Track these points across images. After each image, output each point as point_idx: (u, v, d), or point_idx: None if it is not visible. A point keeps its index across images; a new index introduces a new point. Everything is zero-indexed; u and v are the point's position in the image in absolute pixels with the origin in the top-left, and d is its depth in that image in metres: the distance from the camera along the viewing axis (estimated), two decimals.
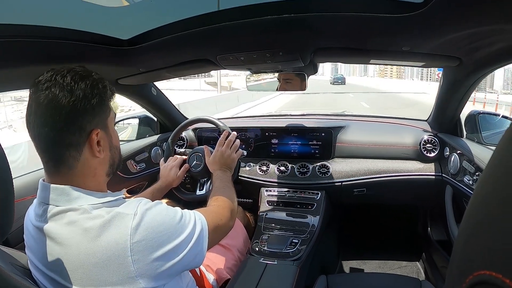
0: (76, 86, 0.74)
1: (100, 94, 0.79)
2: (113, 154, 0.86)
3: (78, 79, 0.75)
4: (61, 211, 0.75)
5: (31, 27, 0.88)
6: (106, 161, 0.84)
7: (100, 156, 0.80)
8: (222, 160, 1.37)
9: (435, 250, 2.04)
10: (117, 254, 0.71)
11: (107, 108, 0.82)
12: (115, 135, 0.88)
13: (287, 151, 2.06)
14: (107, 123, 0.83)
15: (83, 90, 0.75)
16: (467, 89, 1.50)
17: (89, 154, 0.78)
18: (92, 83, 0.77)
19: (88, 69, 0.81)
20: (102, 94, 0.79)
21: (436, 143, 1.84)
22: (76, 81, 0.75)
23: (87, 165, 0.79)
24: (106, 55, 1.17)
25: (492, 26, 0.89)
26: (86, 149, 0.78)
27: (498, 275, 0.21)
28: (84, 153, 0.78)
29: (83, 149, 0.77)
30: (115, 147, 0.88)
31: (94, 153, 0.78)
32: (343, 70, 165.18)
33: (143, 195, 1.32)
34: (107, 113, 0.82)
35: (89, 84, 0.76)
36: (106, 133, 0.82)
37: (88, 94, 0.76)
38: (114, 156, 0.87)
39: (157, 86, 2.02)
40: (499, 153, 0.26)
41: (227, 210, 1.08)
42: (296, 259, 1.50)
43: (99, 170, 0.82)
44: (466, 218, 0.29)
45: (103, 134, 0.81)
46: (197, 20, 0.99)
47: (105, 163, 0.84)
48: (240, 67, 1.44)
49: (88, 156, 0.78)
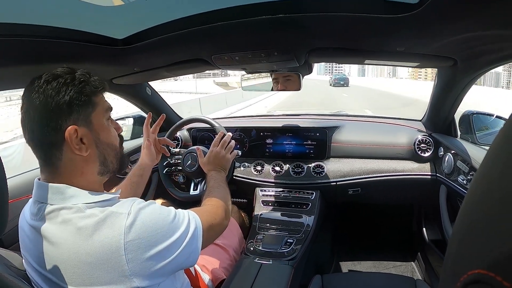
0: (48, 86, 0.75)
1: (76, 90, 0.77)
2: (103, 151, 0.83)
3: (51, 79, 0.75)
4: (55, 209, 0.74)
5: (23, 26, 0.87)
6: (93, 159, 0.81)
7: (82, 153, 0.78)
8: (217, 161, 1.37)
9: (429, 249, 2.05)
10: (111, 253, 0.71)
11: (89, 104, 0.79)
12: (106, 131, 0.84)
13: (282, 151, 2.06)
14: (91, 119, 0.80)
15: (54, 88, 0.75)
16: (461, 89, 1.51)
17: (70, 152, 0.77)
18: (65, 81, 0.76)
19: (71, 68, 0.80)
20: (80, 90, 0.77)
21: (431, 143, 1.85)
22: (49, 81, 0.75)
23: (71, 164, 0.78)
24: (101, 55, 1.17)
25: (486, 31, 0.90)
26: (66, 148, 0.76)
27: (492, 273, 0.21)
28: (66, 152, 0.77)
29: (63, 148, 0.76)
30: (106, 143, 0.84)
31: (74, 151, 0.77)
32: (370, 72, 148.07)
33: (121, 186, 1.29)
34: (90, 109, 0.79)
35: (62, 82, 0.75)
36: (90, 129, 0.79)
37: (61, 91, 0.75)
38: (105, 153, 0.84)
39: (151, 85, 2.02)
40: (493, 152, 0.27)
41: (221, 210, 1.08)
42: (291, 259, 1.50)
43: (87, 169, 0.80)
44: (460, 217, 0.29)
45: (86, 131, 0.78)
46: (192, 19, 0.99)
47: (92, 161, 0.81)
48: (235, 67, 1.44)
49: (70, 154, 0.77)
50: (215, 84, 30.68)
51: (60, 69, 0.78)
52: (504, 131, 0.26)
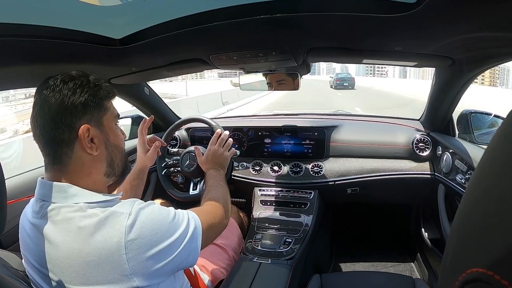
0: (65, 86, 0.78)
1: (91, 93, 0.80)
2: (111, 152, 0.87)
3: (68, 80, 0.79)
4: (56, 207, 0.75)
5: (20, 25, 0.87)
6: (102, 159, 0.85)
7: (92, 152, 0.80)
8: (215, 159, 1.37)
9: (428, 249, 2.06)
10: (111, 252, 0.72)
11: (101, 107, 0.83)
12: (115, 134, 0.88)
13: (280, 150, 2.06)
14: (102, 121, 0.84)
15: (71, 88, 0.78)
16: (459, 88, 1.51)
17: (81, 151, 0.79)
18: (82, 83, 0.80)
19: (85, 72, 0.84)
20: (94, 93, 0.81)
21: (429, 142, 1.85)
22: (66, 82, 0.78)
23: (80, 163, 0.80)
24: (99, 55, 1.16)
25: (484, 32, 0.90)
26: (77, 146, 0.79)
27: (490, 272, 0.21)
28: (76, 150, 0.79)
29: (74, 146, 0.79)
30: (114, 145, 0.88)
31: (85, 149, 0.79)
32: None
33: (121, 189, 1.30)
34: (102, 112, 0.83)
35: (78, 83, 0.79)
36: (100, 130, 0.83)
37: (77, 92, 0.78)
38: (113, 154, 0.87)
39: (149, 85, 2.01)
40: (491, 151, 0.27)
41: (220, 209, 1.08)
42: (289, 258, 1.50)
43: (94, 168, 0.83)
44: (458, 216, 0.29)
45: (97, 131, 0.82)
46: (189, 19, 0.99)
47: (100, 161, 0.84)
48: (233, 67, 1.44)
49: (80, 153, 0.80)
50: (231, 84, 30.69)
51: (75, 72, 0.82)
52: (502, 130, 0.26)
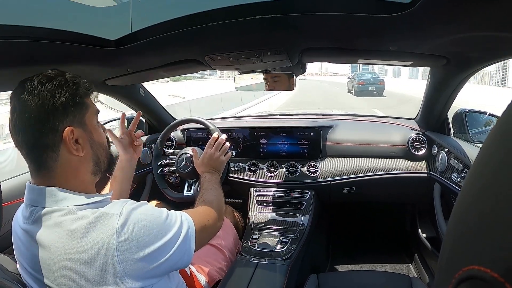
0: (43, 87, 0.75)
1: (71, 92, 0.79)
2: (96, 150, 0.86)
3: (45, 81, 0.77)
4: (47, 212, 0.75)
5: (14, 27, 0.86)
6: (88, 159, 0.84)
7: (79, 154, 0.79)
8: (211, 162, 1.37)
9: (424, 247, 2.06)
10: (103, 254, 0.71)
11: (82, 105, 0.82)
12: (98, 131, 0.87)
13: (276, 151, 2.06)
14: (85, 120, 0.82)
15: (50, 90, 0.76)
16: (454, 87, 1.52)
17: (67, 153, 0.78)
18: (60, 82, 0.78)
19: (60, 70, 0.82)
20: (74, 92, 0.79)
21: (424, 141, 1.86)
22: (43, 83, 0.76)
23: (67, 165, 0.79)
24: (94, 56, 1.16)
25: (479, 32, 0.91)
26: (63, 149, 0.78)
27: (487, 269, 0.22)
28: (62, 153, 0.78)
29: (59, 149, 0.77)
30: (98, 143, 0.87)
31: (71, 151, 0.78)
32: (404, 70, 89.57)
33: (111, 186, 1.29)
34: (83, 110, 0.82)
35: (56, 84, 0.77)
36: (84, 130, 0.82)
37: (56, 93, 0.76)
38: (98, 152, 0.87)
39: (145, 86, 2.00)
40: (486, 150, 0.27)
41: (214, 211, 1.08)
42: (286, 259, 1.50)
43: (81, 169, 0.82)
44: (454, 214, 0.29)
45: (81, 132, 0.80)
46: (185, 20, 0.98)
47: (87, 161, 0.83)
48: (229, 67, 1.44)
49: (66, 155, 0.78)
50: None
51: (51, 71, 0.80)
52: (496, 128, 0.26)
